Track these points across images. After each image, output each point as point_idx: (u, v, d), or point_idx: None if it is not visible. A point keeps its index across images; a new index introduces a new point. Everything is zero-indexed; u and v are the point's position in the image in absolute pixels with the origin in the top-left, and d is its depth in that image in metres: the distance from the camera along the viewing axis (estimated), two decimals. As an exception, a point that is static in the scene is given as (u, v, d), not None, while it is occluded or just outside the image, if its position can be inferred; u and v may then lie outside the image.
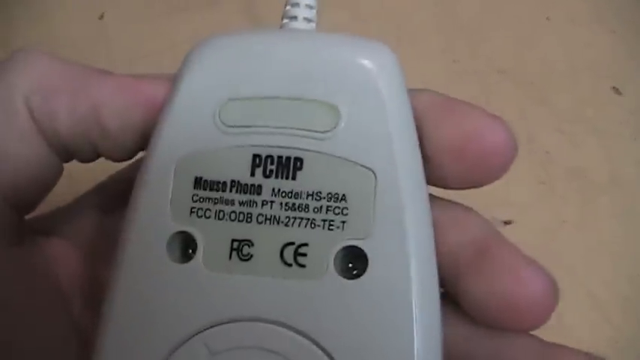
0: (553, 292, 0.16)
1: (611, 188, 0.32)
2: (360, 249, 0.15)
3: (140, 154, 0.18)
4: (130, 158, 0.18)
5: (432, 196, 0.17)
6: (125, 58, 0.31)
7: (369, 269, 0.15)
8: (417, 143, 0.16)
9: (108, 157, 0.18)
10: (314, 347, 0.15)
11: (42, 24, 0.35)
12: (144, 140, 0.17)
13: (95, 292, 0.18)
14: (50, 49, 0.18)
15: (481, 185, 0.17)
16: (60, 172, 0.18)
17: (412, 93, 0.17)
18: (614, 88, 0.34)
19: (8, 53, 0.17)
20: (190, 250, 0.16)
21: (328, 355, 0.15)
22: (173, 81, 0.17)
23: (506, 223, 0.32)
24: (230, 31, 0.17)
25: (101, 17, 0.35)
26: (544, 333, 0.30)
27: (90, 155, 0.18)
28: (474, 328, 0.17)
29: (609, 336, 0.30)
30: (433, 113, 0.16)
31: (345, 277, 0.15)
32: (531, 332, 0.17)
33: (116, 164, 0.19)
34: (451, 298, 0.17)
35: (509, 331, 0.17)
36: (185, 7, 0.35)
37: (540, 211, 0.32)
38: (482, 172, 0.16)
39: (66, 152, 0.18)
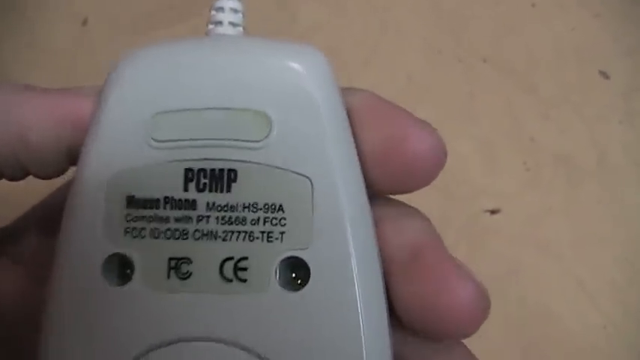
0: (481, 302, 0.16)
1: (599, 174, 0.33)
2: (301, 259, 0.16)
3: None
4: (60, 175, 0.18)
5: (374, 196, 0.17)
6: (108, 63, 0.32)
7: (311, 279, 0.16)
8: (354, 145, 0.16)
9: (37, 176, 0.18)
10: None
11: (24, 30, 0.35)
12: (73, 156, 0.17)
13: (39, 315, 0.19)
14: (33, 55, 0.18)
15: (408, 192, 0.17)
16: None
17: (346, 93, 0.17)
18: (601, 72, 0.34)
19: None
20: (127, 272, 0.16)
21: None
22: (100, 96, 0.17)
23: (493, 212, 0.32)
24: (156, 43, 0.17)
25: (84, 23, 0.36)
26: (533, 321, 0.30)
27: (18, 174, 0.18)
28: (408, 334, 0.17)
29: (598, 323, 0.31)
30: (361, 116, 0.17)
31: (288, 289, 0.16)
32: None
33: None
34: None
35: (435, 339, 0.17)
36: (169, 11, 0.36)
37: (527, 199, 0.33)
38: (407, 180, 0.17)
39: None
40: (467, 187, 0.33)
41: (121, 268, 0.16)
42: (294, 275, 0.16)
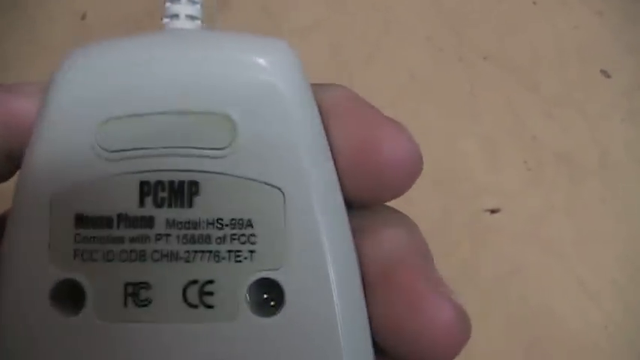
0: (459, 326, 0.15)
1: (601, 172, 0.33)
2: (274, 281, 0.14)
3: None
4: (4, 181, 0.17)
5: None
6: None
7: (286, 303, 0.14)
8: (328, 150, 0.15)
9: None
10: None
11: (23, 25, 0.35)
12: (12, 162, 0.16)
13: None
14: (32, 50, 0.17)
15: (380, 202, 0.16)
16: None
17: (317, 89, 0.15)
18: (602, 71, 0.34)
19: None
20: (78, 300, 0.14)
21: None
22: (44, 99, 0.15)
23: (493, 211, 0.32)
24: (105, 39, 0.15)
25: (83, 17, 0.35)
26: (535, 321, 0.30)
27: None
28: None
29: (599, 322, 0.30)
30: (330, 116, 0.15)
31: (260, 315, 0.14)
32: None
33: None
34: None
35: None
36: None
37: (528, 198, 0.32)
38: (378, 189, 0.15)
39: None
40: (468, 185, 0.32)
41: (71, 296, 0.15)
42: (266, 299, 0.14)
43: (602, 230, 0.32)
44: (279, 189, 0.14)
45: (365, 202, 0.16)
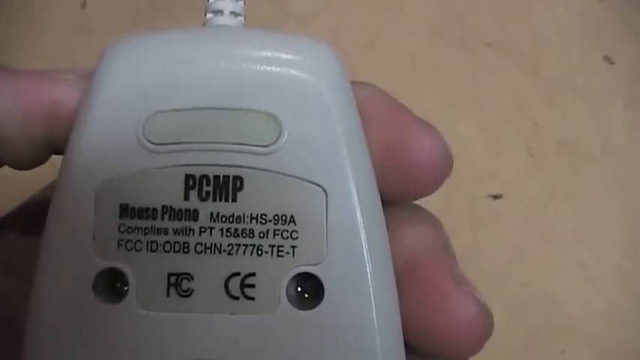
0: (482, 321, 0.16)
1: (602, 158, 0.34)
2: (314, 275, 0.15)
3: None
4: (38, 166, 0.18)
5: None
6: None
7: (325, 297, 0.15)
8: (367, 151, 0.16)
9: (11, 166, 0.17)
10: None
11: (23, 13, 0.35)
12: (52, 147, 0.17)
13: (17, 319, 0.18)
14: (32, 39, 0.17)
15: (410, 201, 0.17)
16: None
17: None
18: (605, 57, 0.35)
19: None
20: (121, 289, 0.15)
21: None
22: (88, 89, 0.16)
23: (496, 197, 0.33)
24: (148, 32, 0.16)
25: (83, 5, 0.36)
26: (536, 307, 0.31)
27: None
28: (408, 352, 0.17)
29: (602, 309, 0.32)
30: (365, 114, 0.16)
31: (299, 308, 0.15)
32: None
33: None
34: None
35: (433, 358, 0.17)
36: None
37: (530, 184, 0.34)
38: (408, 188, 0.16)
39: None
40: (470, 171, 0.33)
41: (114, 285, 0.15)
42: (306, 293, 0.15)
43: (603, 216, 0.33)
44: (322, 187, 0.15)
45: (393, 200, 0.17)
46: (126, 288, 0.15)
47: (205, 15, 0.17)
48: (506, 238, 0.32)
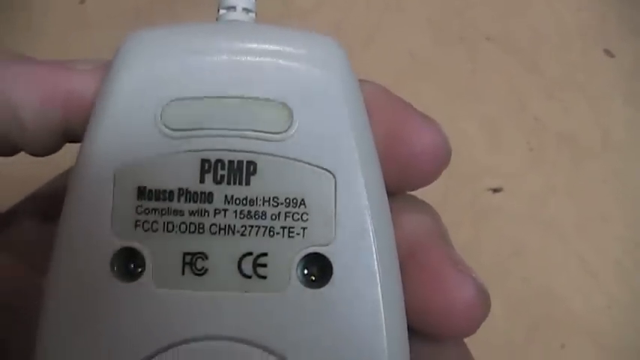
0: (480, 302, 0.17)
1: (603, 153, 0.35)
2: (323, 256, 0.16)
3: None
4: (54, 153, 0.19)
5: None
6: (106, 44, 0.33)
7: (334, 276, 0.16)
8: (372, 140, 0.17)
9: (28, 153, 0.18)
10: None
11: (21, 10, 0.35)
12: (67, 135, 0.18)
13: (27, 303, 0.19)
14: (30, 36, 0.18)
15: (409, 190, 0.18)
16: None
17: None
18: (606, 51, 0.36)
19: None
20: (137, 268, 0.16)
21: None
22: (106, 76, 0.17)
23: (496, 190, 0.34)
24: (163, 25, 0.17)
25: (82, 2, 0.36)
26: (536, 301, 0.32)
27: (8, 150, 0.18)
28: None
29: (602, 303, 0.32)
30: (367, 108, 0.17)
31: (308, 286, 0.16)
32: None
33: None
34: None
35: (433, 339, 0.18)
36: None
37: (530, 178, 0.34)
38: (408, 178, 0.17)
39: None
40: (470, 165, 0.34)
41: (130, 264, 0.16)
42: (315, 272, 0.16)
43: (604, 211, 0.34)
44: (331, 172, 0.16)
45: (393, 190, 0.18)
46: (142, 267, 0.16)
47: (219, 11, 0.18)
48: (506, 233, 0.33)
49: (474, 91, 0.35)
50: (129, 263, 0.16)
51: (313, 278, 0.16)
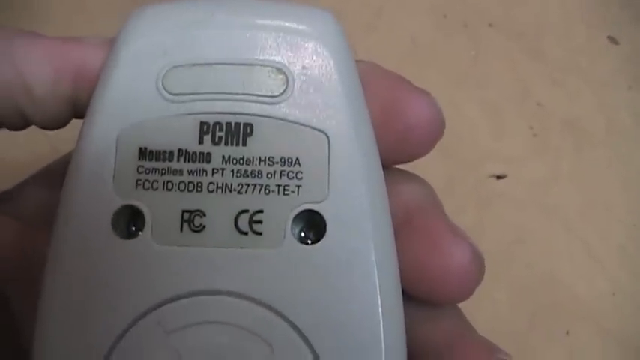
0: (475, 265, 0.18)
1: (606, 139, 0.35)
2: (317, 212, 0.17)
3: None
4: (62, 126, 0.20)
5: None
6: (106, 27, 0.34)
7: (327, 232, 0.17)
8: (365, 105, 0.18)
9: (38, 126, 0.19)
10: (276, 317, 0.17)
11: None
12: (76, 108, 0.19)
13: (33, 266, 0.20)
14: (29, 23, 0.19)
15: (405, 161, 0.19)
16: None
17: None
18: (610, 37, 0.36)
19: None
20: (138, 225, 0.17)
21: (291, 323, 0.17)
22: (111, 48, 0.18)
23: (499, 177, 0.34)
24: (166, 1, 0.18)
25: None
26: (540, 287, 0.32)
27: (18, 123, 0.19)
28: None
29: (606, 289, 0.33)
30: (364, 82, 0.18)
31: (303, 242, 0.17)
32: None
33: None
34: None
35: (428, 303, 0.18)
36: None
37: (534, 164, 0.35)
38: (403, 149, 0.18)
39: None
40: (473, 151, 0.35)
41: (131, 221, 0.18)
42: (309, 228, 0.17)
43: (607, 196, 0.34)
44: (325, 133, 0.17)
45: (388, 162, 0.19)
46: (142, 224, 0.17)
47: None
48: (510, 219, 0.34)
49: (476, 77, 0.36)
50: (129, 221, 0.18)
51: (307, 234, 0.17)
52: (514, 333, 0.32)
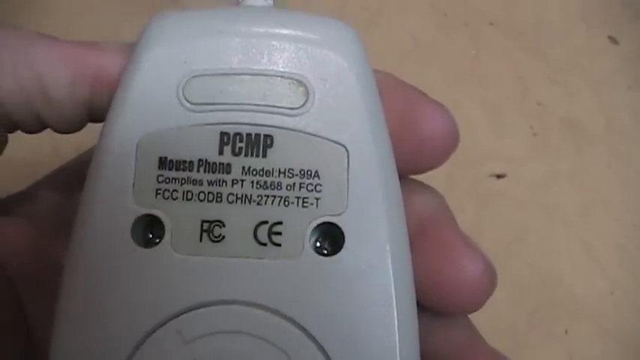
0: (488, 277, 0.18)
1: (606, 138, 0.36)
2: (335, 225, 0.18)
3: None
4: (77, 130, 0.20)
5: None
6: (110, 23, 0.33)
7: (345, 245, 0.17)
8: (384, 118, 0.18)
9: (54, 129, 0.20)
10: (294, 328, 0.17)
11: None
12: (92, 113, 0.19)
13: (48, 273, 0.20)
14: (30, 20, 0.19)
15: (419, 173, 0.19)
16: (4, 142, 0.20)
17: None
18: (610, 37, 0.37)
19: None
20: (157, 234, 0.18)
21: (308, 334, 0.17)
22: (131, 55, 0.18)
23: (499, 176, 0.35)
24: (187, 8, 0.18)
25: None
26: (540, 287, 0.32)
27: (34, 126, 0.19)
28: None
29: (605, 288, 0.33)
30: (380, 93, 0.18)
31: (321, 254, 0.18)
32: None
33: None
34: None
35: (440, 314, 0.19)
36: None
37: (534, 164, 0.35)
38: (418, 160, 0.18)
39: (9, 121, 0.19)
40: (473, 151, 0.35)
41: (150, 230, 0.18)
42: (328, 241, 0.18)
43: (607, 196, 0.35)
44: (344, 146, 0.18)
45: (402, 172, 0.19)
46: (161, 234, 0.18)
47: None
48: (509, 218, 0.34)
49: (477, 76, 0.36)
50: (149, 230, 0.18)
51: (326, 246, 0.18)
52: (513, 332, 0.33)
